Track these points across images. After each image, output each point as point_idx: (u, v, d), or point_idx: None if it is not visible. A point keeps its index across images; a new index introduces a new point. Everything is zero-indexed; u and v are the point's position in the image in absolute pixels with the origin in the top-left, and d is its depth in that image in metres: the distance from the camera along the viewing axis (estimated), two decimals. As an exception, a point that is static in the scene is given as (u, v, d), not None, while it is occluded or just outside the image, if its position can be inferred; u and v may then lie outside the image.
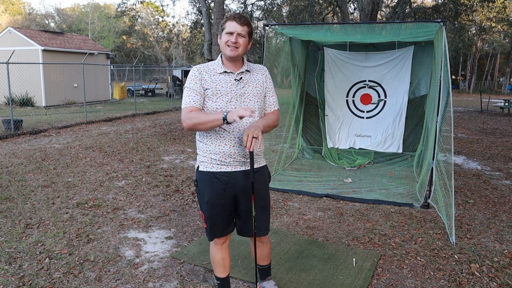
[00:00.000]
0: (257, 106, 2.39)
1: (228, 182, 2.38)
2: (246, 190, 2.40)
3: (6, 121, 9.82)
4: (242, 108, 2.10)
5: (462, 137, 10.22)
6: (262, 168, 2.51)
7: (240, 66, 2.39)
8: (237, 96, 2.34)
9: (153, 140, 9.22)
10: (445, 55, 4.33)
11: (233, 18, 2.27)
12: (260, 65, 2.54)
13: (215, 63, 2.40)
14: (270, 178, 2.61)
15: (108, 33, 45.33)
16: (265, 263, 2.77)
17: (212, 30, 11.59)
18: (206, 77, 2.35)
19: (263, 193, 2.51)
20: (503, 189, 5.58)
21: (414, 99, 6.80)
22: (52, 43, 17.30)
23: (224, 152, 2.34)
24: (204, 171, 2.40)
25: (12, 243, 3.62)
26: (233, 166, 2.37)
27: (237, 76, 2.36)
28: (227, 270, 2.63)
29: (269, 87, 2.50)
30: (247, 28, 2.30)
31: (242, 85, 2.37)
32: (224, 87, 2.33)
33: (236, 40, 2.27)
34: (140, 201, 4.86)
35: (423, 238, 3.85)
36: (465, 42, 28.99)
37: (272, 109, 2.51)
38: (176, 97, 22.98)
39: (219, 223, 2.46)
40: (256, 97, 2.40)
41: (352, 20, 18.14)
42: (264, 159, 2.57)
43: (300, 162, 6.96)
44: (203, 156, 2.41)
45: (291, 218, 4.38)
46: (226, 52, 2.31)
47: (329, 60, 7.16)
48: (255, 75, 2.44)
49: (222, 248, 2.56)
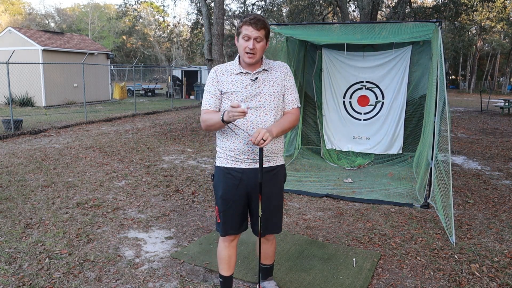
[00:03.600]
0: (273, 104, 2.37)
1: (241, 178, 2.40)
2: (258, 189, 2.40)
3: (6, 121, 9.82)
4: (227, 113, 2.15)
5: (462, 137, 10.21)
6: (277, 167, 2.49)
7: (258, 66, 2.39)
8: (251, 96, 2.34)
9: (153, 140, 9.22)
10: (441, 55, 4.33)
11: (249, 23, 2.24)
12: (281, 63, 2.49)
13: (232, 64, 2.41)
14: (285, 179, 2.60)
15: (108, 33, 45.33)
16: (268, 263, 2.78)
17: (212, 30, 11.58)
18: (222, 78, 2.37)
19: (276, 193, 2.50)
20: (503, 189, 5.58)
21: (413, 99, 6.79)
22: (52, 43, 17.30)
23: (238, 149, 2.37)
24: (220, 166, 2.45)
25: (12, 243, 3.62)
26: (247, 163, 2.39)
27: (253, 76, 2.36)
28: (232, 269, 2.62)
29: (288, 85, 2.45)
30: (264, 31, 2.27)
31: (258, 84, 2.36)
32: (240, 87, 2.34)
33: (254, 46, 2.25)
34: (140, 201, 4.86)
35: (423, 238, 3.86)
36: (465, 42, 29.01)
37: (291, 107, 2.46)
38: (176, 97, 22.99)
39: (232, 219, 2.47)
40: (273, 95, 2.37)
41: (352, 20, 18.13)
42: (282, 158, 2.55)
43: (300, 162, 6.96)
44: (220, 152, 2.45)
45: (291, 218, 4.38)
46: (244, 59, 2.31)
47: (326, 61, 7.14)
48: (273, 73, 2.41)
49: (230, 246, 2.57)
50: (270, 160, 2.43)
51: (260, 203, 2.38)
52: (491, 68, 41.06)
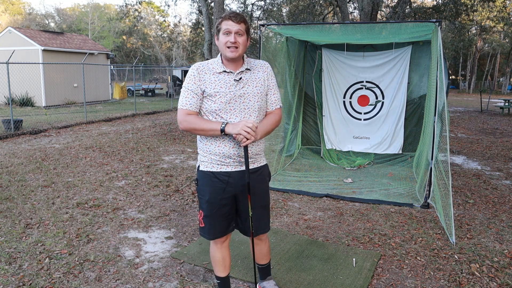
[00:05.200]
0: (257, 105, 2.36)
1: (228, 181, 2.37)
2: (246, 190, 2.39)
3: (6, 121, 9.82)
4: (242, 127, 2.16)
5: (462, 137, 10.21)
6: (262, 168, 2.49)
7: (240, 65, 2.35)
8: (236, 97, 2.30)
9: (153, 140, 9.22)
10: (440, 55, 4.33)
11: (229, 17, 2.24)
12: (262, 61, 2.47)
13: (214, 62, 2.36)
14: (270, 178, 2.59)
15: (108, 33, 45.32)
16: (265, 262, 2.76)
17: (212, 30, 11.59)
18: (205, 77, 2.31)
19: (263, 192, 2.50)
20: (503, 189, 5.58)
21: (413, 99, 6.79)
22: (52, 43, 17.30)
23: (223, 153, 2.33)
24: (205, 171, 2.40)
25: (12, 243, 3.62)
26: (233, 166, 2.37)
27: (237, 76, 2.32)
28: (227, 269, 2.62)
29: (271, 85, 2.44)
30: (244, 26, 2.26)
31: (242, 85, 2.33)
32: (223, 87, 2.29)
33: (235, 39, 2.23)
34: (140, 201, 4.86)
35: (423, 238, 3.85)
36: (465, 42, 29.00)
37: (274, 107, 2.47)
38: (176, 97, 22.97)
39: (219, 222, 2.44)
40: (257, 96, 2.36)
41: (352, 20, 18.13)
42: (264, 158, 2.55)
43: (300, 162, 6.96)
44: (204, 156, 2.40)
45: (291, 218, 4.38)
46: (226, 54, 2.26)
47: (326, 60, 7.14)
48: (256, 73, 2.39)
49: (223, 247, 2.55)
50: (255, 161, 2.43)
51: (250, 202, 2.37)
52: (491, 68, 41.06)
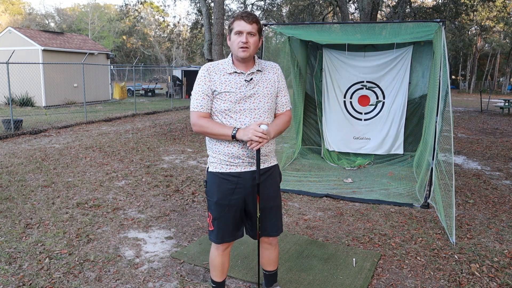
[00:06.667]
0: (267, 106, 2.34)
1: (237, 182, 2.34)
2: (255, 191, 2.35)
3: (6, 121, 9.82)
4: (253, 132, 2.15)
5: (462, 137, 10.21)
6: (272, 168, 2.45)
7: (251, 66, 2.33)
8: (246, 97, 2.29)
9: (153, 140, 9.22)
10: (444, 55, 4.33)
11: (241, 17, 2.21)
12: (272, 63, 2.45)
13: (225, 62, 2.34)
14: (281, 178, 2.56)
15: (108, 33, 45.32)
16: (272, 268, 2.68)
17: (212, 30, 11.58)
18: (215, 77, 2.29)
19: (273, 193, 2.46)
20: (503, 189, 5.58)
21: (413, 99, 6.79)
22: (52, 43, 17.30)
23: (232, 154, 2.31)
24: (214, 172, 2.38)
25: (12, 243, 3.62)
26: (242, 167, 2.34)
27: (247, 77, 2.30)
28: (225, 275, 2.59)
29: (281, 87, 2.43)
30: (257, 26, 2.23)
31: (252, 85, 2.31)
32: (234, 87, 2.28)
33: (247, 40, 2.20)
34: (140, 201, 4.86)
35: (423, 238, 3.85)
36: (465, 42, 29.00)
37: (284, 109, 2.45)
38: (176, 97, 22.99)
39: (228, 225, 2.39)
40: (267, 97, 2.34)
41: (352, 20, 18.13)
42: (275, 158, 2.51)
43: (300, 162, 6.96)
44: (213, 156, 2.39)
45: (291, 218, 4.38)
46: (238, 54, 2.24)
47: (327, 60, 7.13)
48: (266, 74, 2.38)
49: (224, 254, 2.51)
50: (265, 161, 2.40)
51: (258, 204, 2.34)
52: (491, 68, 41.06)
